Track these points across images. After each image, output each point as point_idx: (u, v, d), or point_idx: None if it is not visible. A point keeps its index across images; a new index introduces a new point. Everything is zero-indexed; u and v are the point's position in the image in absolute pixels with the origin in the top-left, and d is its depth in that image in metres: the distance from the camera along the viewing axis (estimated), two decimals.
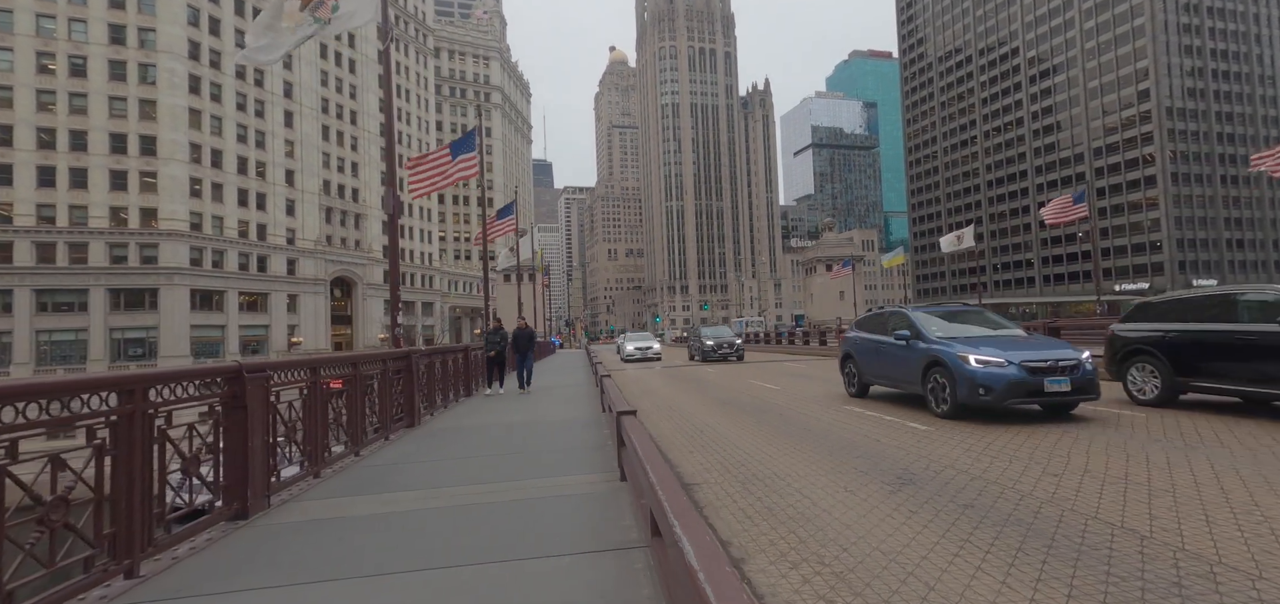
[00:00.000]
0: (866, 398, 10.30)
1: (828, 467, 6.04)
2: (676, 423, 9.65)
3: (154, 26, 57.55)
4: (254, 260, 64.53)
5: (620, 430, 4.50)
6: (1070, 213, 26.00)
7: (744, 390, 13.47)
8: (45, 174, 53.99)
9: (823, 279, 69.23)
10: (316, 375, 5.50)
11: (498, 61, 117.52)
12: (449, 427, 8.36)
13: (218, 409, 4.04)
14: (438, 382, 10.32)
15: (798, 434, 7.91)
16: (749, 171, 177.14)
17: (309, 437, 5.39)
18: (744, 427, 8.76)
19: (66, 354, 53.88)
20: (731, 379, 16.59)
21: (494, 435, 7.69)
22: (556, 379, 17.51)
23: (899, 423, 8.21)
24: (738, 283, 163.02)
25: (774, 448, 7.22)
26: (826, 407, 9.81)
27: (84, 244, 54.66)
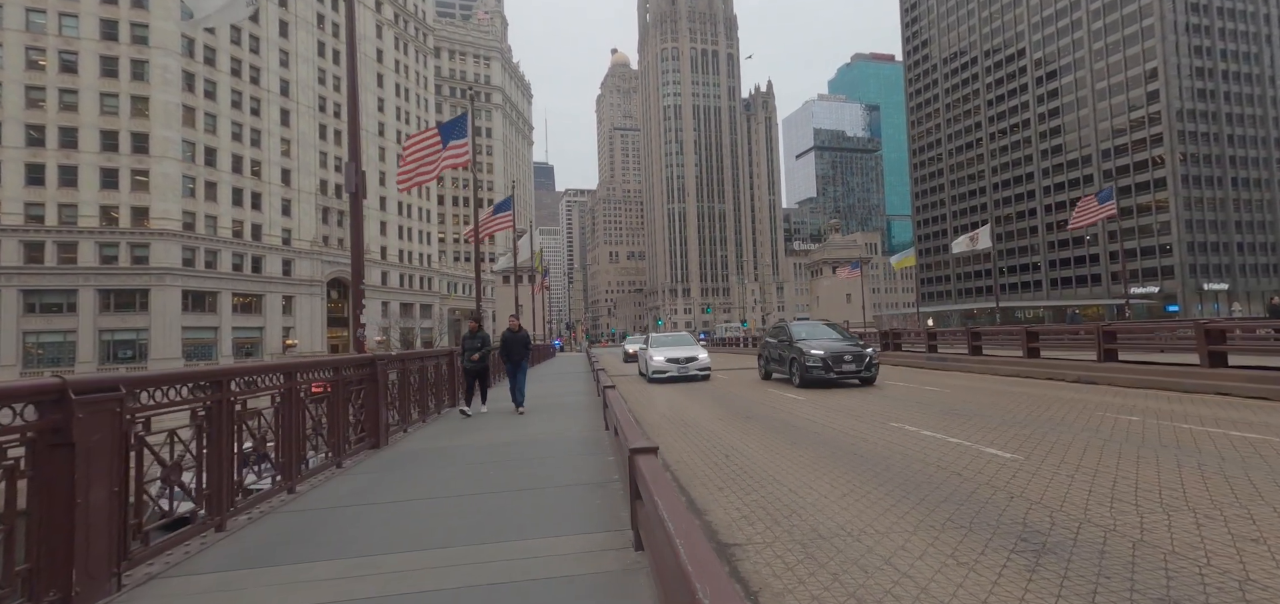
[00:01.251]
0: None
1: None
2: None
3: (147, 22, 56.35)
4: (248, 261, 63.22)
5: (635, 478, 3.08)
6: (1097, 213, 24.54)
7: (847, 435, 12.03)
8: (34, 172, 52.74)
9: (829, 281, 67.83)
10: (223, 391, 4.08)
11: (499, 62, 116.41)
12: (424, 448, 6.97)
13: (21, 453, 2.60)
14: (414, 392, 8.93)
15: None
16: (751, 174, 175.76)
17: (210, 474, 3.98)
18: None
19: (56, 357, 52.57)
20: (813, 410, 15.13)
21: (472, 463, 6.33)
22: (553, 388, 16.08)
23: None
24: (740, 286, 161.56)
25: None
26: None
27: (73, 244, 53.38)
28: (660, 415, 10.70)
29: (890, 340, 20.91)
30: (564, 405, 11.34)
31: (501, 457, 6.44)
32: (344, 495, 5.29)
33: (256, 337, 63.50)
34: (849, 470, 6.05)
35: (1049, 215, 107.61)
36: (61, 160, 53.38)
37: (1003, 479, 5.45)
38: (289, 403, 5.15)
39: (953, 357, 16.21)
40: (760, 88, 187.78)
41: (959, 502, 4.86)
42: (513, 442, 7.18)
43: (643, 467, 2.91)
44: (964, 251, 30.19)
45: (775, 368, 15.63)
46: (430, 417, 9.69)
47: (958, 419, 8.51)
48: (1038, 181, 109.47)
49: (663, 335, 20.53)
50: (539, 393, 14.72)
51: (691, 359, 18.40)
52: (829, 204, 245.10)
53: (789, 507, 4.98)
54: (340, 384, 5.95)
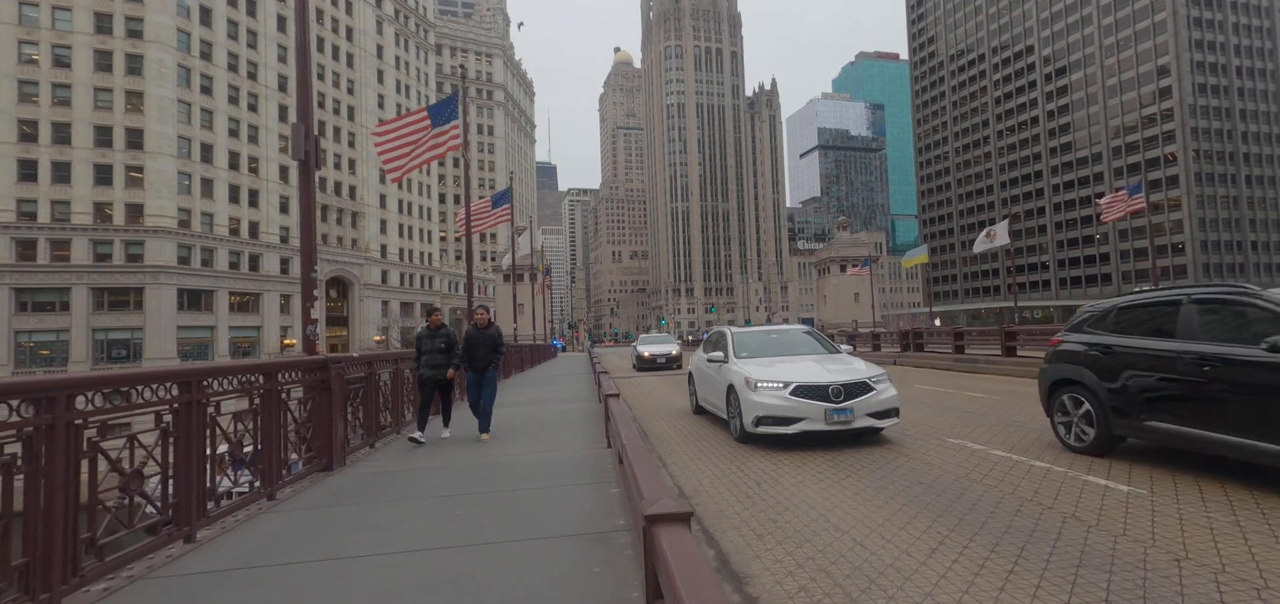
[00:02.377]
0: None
1: None
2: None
3: (142, 16, 55.35)
4: (246, 259, 62.22)
5: (654, 562, 1.91)
6: (1127, 205, 23.28)
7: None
8: (26, 168, 51.78)
9: (837, 280, 66.43)
10: (58, 412, 2.85)
11: (501, 58, 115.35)
12: (388, 471, 5.73)
13: None
14: (386, 399, 7.77)
15: None
16: (755, 172, 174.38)
17: (46, 521, 2.78)
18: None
19: (48, 356, 51.63)
20: None
21: (442, 496, 5.03)
22: (549, 392, 14.87)
23: None
24: (744, 285, 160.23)
25: None
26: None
27: (66, 241, 52.44)
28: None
29: (911, 341, 19.71)
30: (562, 416, 9.96)
31: (480, 484, 5.24)
32: (260, 545, 4.03)
33: (254, 336, 62.52)
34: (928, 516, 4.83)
35: (1058, 214, 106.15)
36: (55, 156, 52.42)
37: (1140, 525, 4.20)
38: (187, 418, 3.92)
39: (984, 358, 14.99)
40: (764, 86, 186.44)
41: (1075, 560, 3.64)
42: (497, 465, 5.97)
43: (668, 551, 1.71)
44: (983, 249, 28.93)
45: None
46: (406, 426, 8.53)
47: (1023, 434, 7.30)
48: (1047, 180, 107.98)
49: (750, 332, 9.92)
50: (533, 398, 13.53)
51: (855, 391, 7.43)
52: (833, 203, 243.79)
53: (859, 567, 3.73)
54: (273, 394, 4.69)
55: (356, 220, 76.97)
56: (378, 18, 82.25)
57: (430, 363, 7.69)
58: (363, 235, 77.36)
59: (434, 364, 7.68)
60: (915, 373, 15.57)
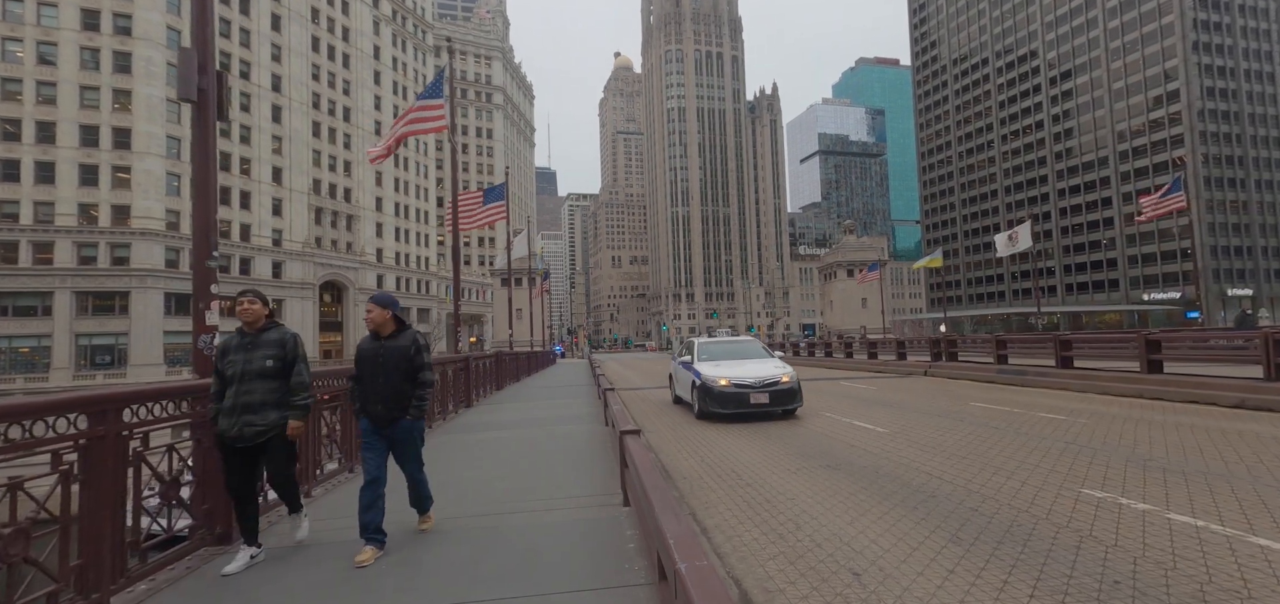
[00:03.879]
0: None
1: None
2: None
3: (131, 12, 53.86)
4: (237, 262, 60.55)
5: None
6: (1165, 204, 21.76)
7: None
8: (9, 168, 50.20)
9: (844, 285, 64.70)
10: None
11: (500, 61, 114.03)
12: (307, 548, 4.09)
13: None
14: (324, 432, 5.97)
15: None
16: (756, 177, 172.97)
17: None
18: None
19: (29, 362, 49.93)
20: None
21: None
22: (543, 410, 13.19)
23: None
24: (745, 291, 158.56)
25: None
26: None
27: (50, 243, 50.75)
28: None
29: (944, 349, 18.07)
30: (562, 445, 7.70)
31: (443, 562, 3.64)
32: None
33: None
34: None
35: (1064, 219, 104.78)
36: (38, 156, 50.82)
37: None
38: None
39: (1034, 370, 13.40)
40: (765, 90, 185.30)
41: None
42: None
43: None
44: (1006, 253, 27.39)
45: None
46: (349, 469, 6.29)
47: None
48: (1052, 184, 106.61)
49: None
50: (528, 417, 11.86)
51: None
52: (834, 209, 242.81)
53: None
54: (107, 444, 3.11)
55: (352, 223, 75.38)
56: (375, 18, 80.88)
57: (241, 403, 3.92)
58: (358, 239, 75.75)
59: (248, 404, 3.92)
60: (955, 387, 13.97)
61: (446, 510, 4.68)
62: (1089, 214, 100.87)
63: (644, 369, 36.41)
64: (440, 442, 8.19)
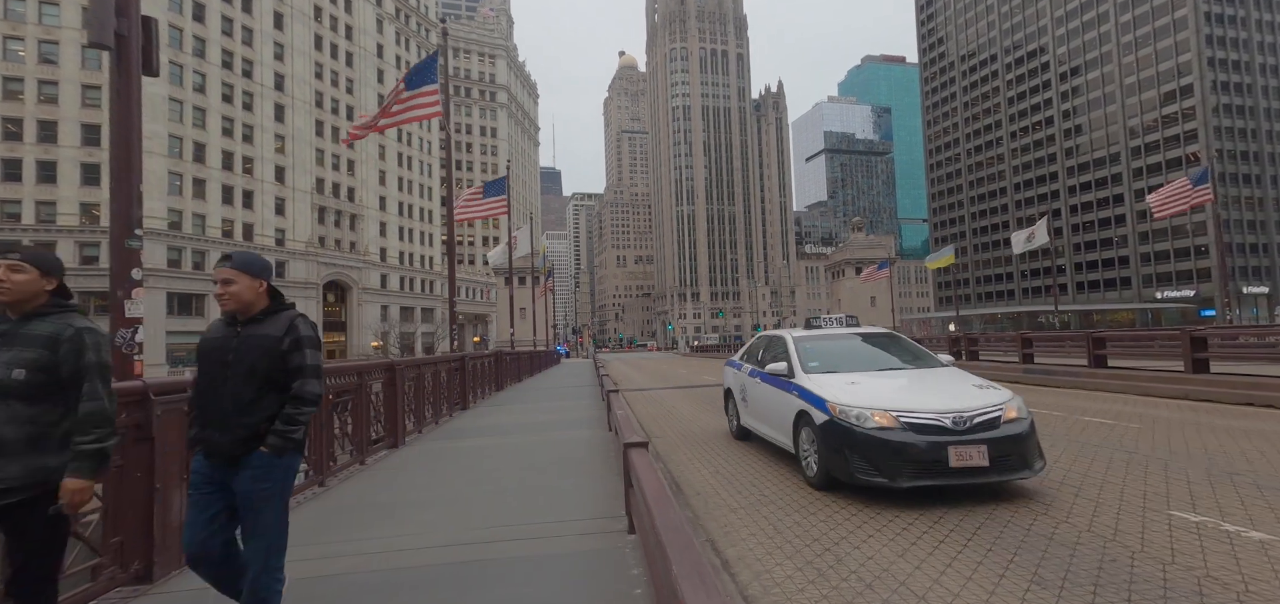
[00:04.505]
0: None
1: None
2: None
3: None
4: None
5: None
6: (1191, 197, 20.83)
7: None
8: (10, 167, 49.97)
9: (852, 283, 63.68)
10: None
11: (504, 60, 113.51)
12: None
13: None
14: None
15: None
16: (762, 175, 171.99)
17: None
18: None
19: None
20: None
21: None
22: (542, 412, 12.44)
23: None
24: (751, 290, 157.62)
25: None
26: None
27: (52, 243, 50.40)
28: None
29: (964, 347, 17.24)
30: (559, 452, 6.96)
31: None
32: None
33: None
34: None
35: (1074, 216, 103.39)
36: (40, 155, 50.56)
37: None
38: None
39: (1062, 370, 12.61)
40: (770, 88, 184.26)
41: None
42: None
43: None
44: (1022, 250, 26.54)
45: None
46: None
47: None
48: (1062, 181, 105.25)
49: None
50: (525, 421, 11.15)
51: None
52: (840, 207, 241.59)
53: None
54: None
55: (355, 223, 74.97)
56: (378, 16, 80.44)
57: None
58: (362, 238, 75.35)
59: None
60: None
61: (417, 540, 3.98)
62: (1100, 211, 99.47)
63: (649, 369, 35.74)
64: (424, 449, 7.48)
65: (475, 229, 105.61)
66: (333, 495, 5.26)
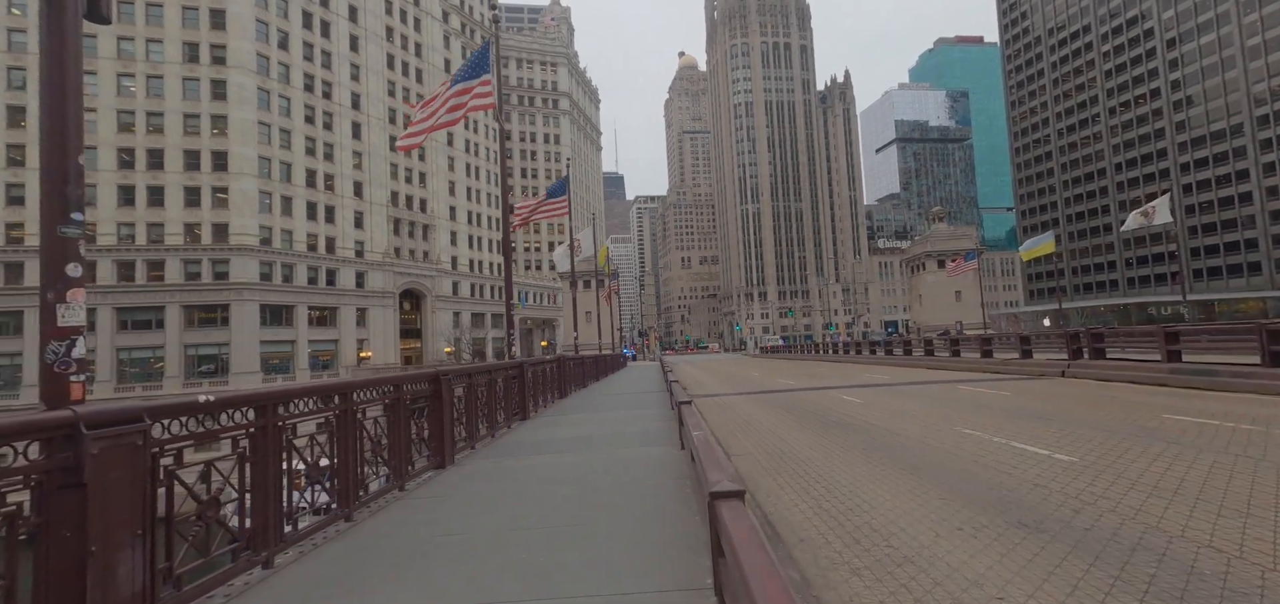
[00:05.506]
0: None
1: None
2: None
3: (225, 43, 57.46)
4: (323, 274, 63.39)
5: None
6: None
7: None
8: (125, 193, 54.56)
9: (934, 278, 59.53)
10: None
11: (566, 67, 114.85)
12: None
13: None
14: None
15: None
16: (830, 169, 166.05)
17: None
18: None
19: (146, 373, 53.97)
20: None
21: None
22: (606, 422, 11.53)
23: None
24: (821, 287, 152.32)
25: None
26: None
27: (161, 261, 54.78)
28: None
29: (1085, 344, 14.97)
30: (621, 475, 6.05)
31: None
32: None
33: (332, 349, 63.49)
34: None
35: (1188, 197, 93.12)
36: (149, 181, 54.98)
37: None
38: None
39: (1226, 369, 10.48)
40: (836, 79, 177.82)
41: None
42: None
43: None
44: (1135, 230, 23.42)
45: None
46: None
47: None
48: (1172, 159, 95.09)
49: None
50: (586, 433, 10.25)
51: None
52: (914, 199, 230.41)
53: None
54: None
55: (428, 232, 77.56)
56: (445, 33, 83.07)
57: None
58: (434, 247, 77.87)
59: None
60: (1115, 393, 11.21)
61: (444, 599, 3.09)
62: (1220, 190, 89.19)
63: (719, 372, 34.38)
64: (473, 471, 6.67)
65: (541, 234, 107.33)
66: (359, 534, 4.51)
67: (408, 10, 77.62)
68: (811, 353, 57.10)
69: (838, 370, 29.00)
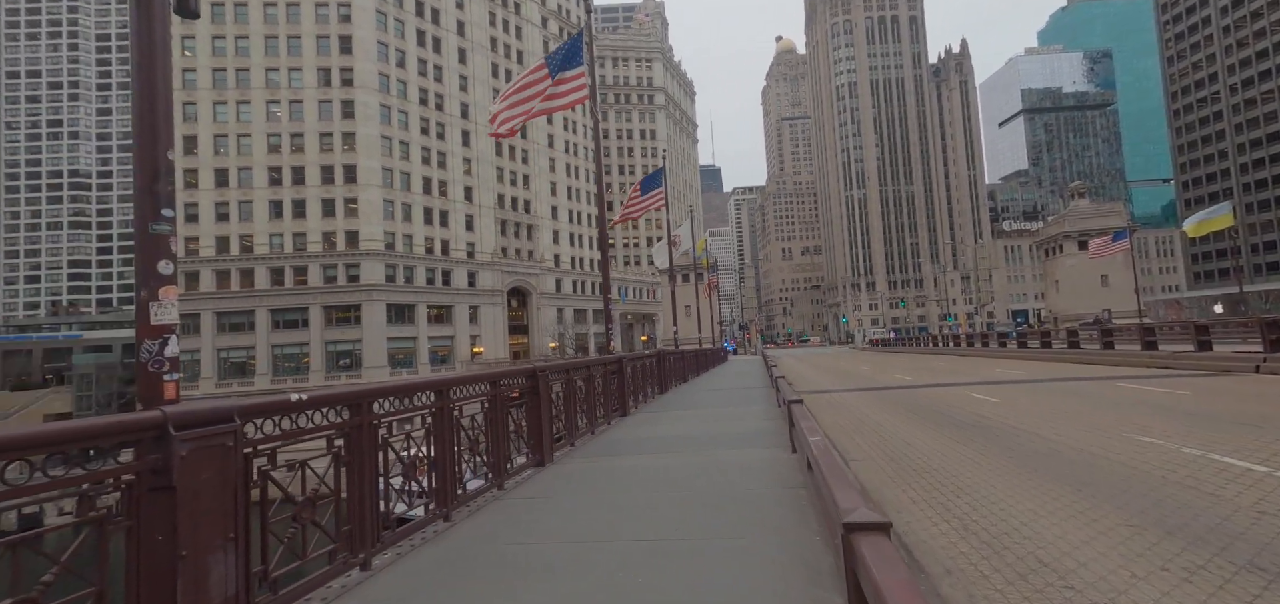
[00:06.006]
0: None
1: None
2: None
3: (352, 65, 62.87)
4: (439, 275, 67.83)
5: None
6: None
7: None
8: (275, 207, 61.29)
9: (1073, 261, 52.70)
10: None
11: (660, 62, 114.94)
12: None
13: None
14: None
15: None
16: (945, 148, 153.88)
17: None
18: None
19: (296, 367, 60.38)
20: None
21: None
22: (704, 420, 10.98)
23: None
24: (938, 275, 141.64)
25: None
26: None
27: (304, 267, 61.06)
28: None
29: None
30: (724, 483, 5.44)
31: None
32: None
33: (448, 345, 67.76)
34: None
35: None
36: (294, 195, 61.43)
37: None
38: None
39: None
40: (951, 50, 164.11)
41: None
42: None
43: None
44: None
45: None
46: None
47: None
48: None
49: None
50: (685, 431, 9.82)
51: None
52: (1045, 175, 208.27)
53: None
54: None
55: (532, 232, 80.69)
56: (544, 38, 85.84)
57: None
58: (538, 246, 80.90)
59: None
60: None
61: None
62: None
63: (827, 367, 32.65)
64: (573, 471, 6.51)
65: (640, 230, 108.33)
66: (457, 537, 4.41)
67: (510, 20, 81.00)
68: (928, 345, 53.11)
69: (961, 365, 26.49)
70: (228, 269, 59.98)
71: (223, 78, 61.11)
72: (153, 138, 2.58)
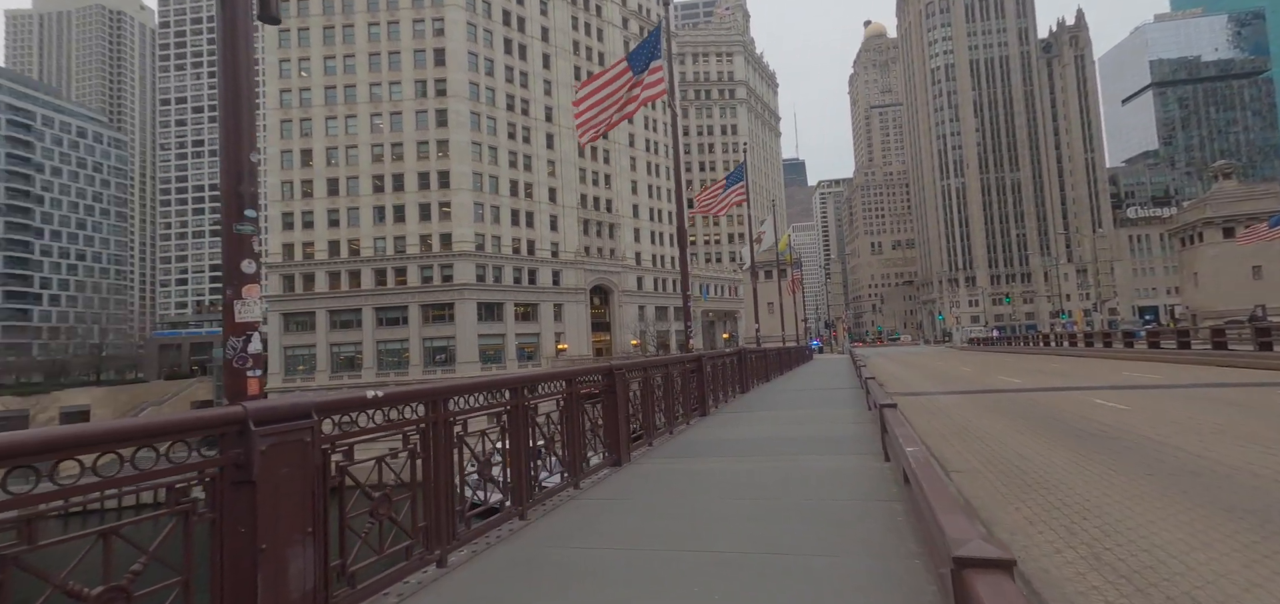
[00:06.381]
0: None
1: None
2: None
3: (445, 76, 66.33)
4: (526, 274, 70.25)
5: None
6: None
7: None
8: (378, 213, 65.81)
9: (1217, 250, 46.21)
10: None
11: (741, 55, 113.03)
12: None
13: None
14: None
15: None
16: (1057, 130, 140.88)
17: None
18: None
19: (398, 361, 64.60)
20: None
21: None
22: (784, 426, 10.46)
23: None
24: (1049, 269, 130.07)
25: None
26: None
27: (404, 268, 65.17)
28: None
29: None
30: (804, 497, 5.02)
31: None
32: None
33: (534, 342, 70.07)
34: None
35: None
36: (394, 201, 65.68)
37: None
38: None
39: None
40: (1064, 21, 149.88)
41: None
42: None
43: None
44: None
45: None
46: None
47: None
48: None
49: None
50: (759, 434, 9.38)
51: None
52: (1178, 155, 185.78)
53: None
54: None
55: (613, 231, 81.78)
56: (624, 38, 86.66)
57: None
58: (619, 245, 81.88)
59: None
60: None
61: None
62: None
63: (921, 367, 30.74)
64: (649, 472, 6.34)
65: (721, 226, 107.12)
66: (532, 536, 4.39)
67: (592, 23, 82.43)
68: (1037, 345, 48.71)
69: (1079, 367, 23.99)
70: (339, 271, 65.04)
71: (333, 94, 66.30)
72: (236, 141, 2.69)
